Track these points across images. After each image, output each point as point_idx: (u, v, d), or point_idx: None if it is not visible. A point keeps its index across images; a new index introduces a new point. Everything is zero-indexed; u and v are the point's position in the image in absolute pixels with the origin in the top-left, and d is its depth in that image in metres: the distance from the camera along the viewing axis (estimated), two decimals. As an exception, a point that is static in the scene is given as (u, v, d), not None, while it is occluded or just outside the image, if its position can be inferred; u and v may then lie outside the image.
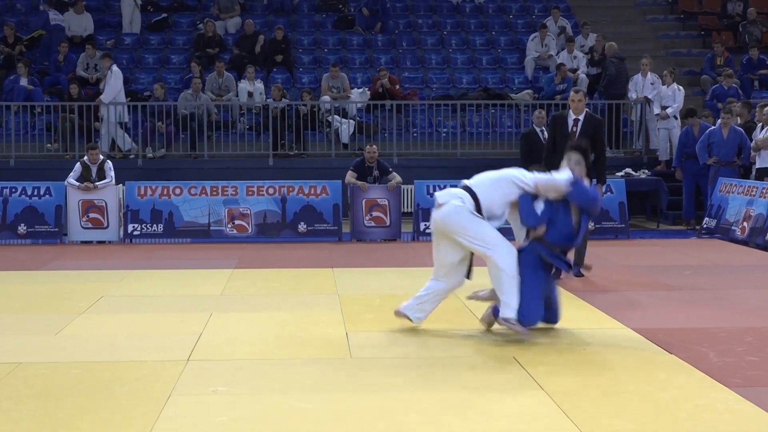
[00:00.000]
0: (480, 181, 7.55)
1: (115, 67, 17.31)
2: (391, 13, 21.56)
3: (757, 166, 14.68)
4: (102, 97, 17.17)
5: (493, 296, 7.59)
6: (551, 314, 7.56)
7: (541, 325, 7.51)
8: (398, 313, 7.75)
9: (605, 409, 5.62)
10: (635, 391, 6.01)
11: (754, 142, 14.74)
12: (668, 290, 9.64)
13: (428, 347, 7.22)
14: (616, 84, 18.09)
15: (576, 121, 10.27)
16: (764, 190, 13.43)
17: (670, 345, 7.12)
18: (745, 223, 13.57)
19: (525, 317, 7.25)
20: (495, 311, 7.48)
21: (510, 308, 7.25)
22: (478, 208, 7.39)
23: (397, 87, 18.43)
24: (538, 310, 7.34)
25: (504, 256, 7.32)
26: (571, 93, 10.51)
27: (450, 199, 7.46)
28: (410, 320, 7.69)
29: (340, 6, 21.78)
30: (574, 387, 6.09)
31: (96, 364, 6.73)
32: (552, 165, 10.27)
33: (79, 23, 20.03)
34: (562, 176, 7.49)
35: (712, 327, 7.85)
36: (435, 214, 7.54)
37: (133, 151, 17.15)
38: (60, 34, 19.66)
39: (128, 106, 17.31)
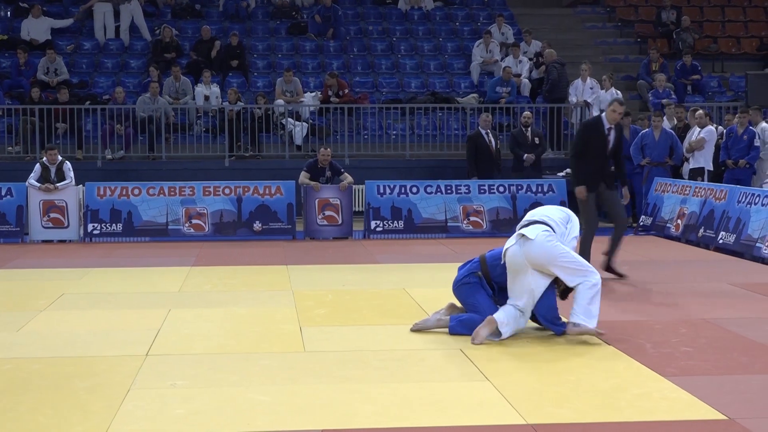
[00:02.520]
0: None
1: None
2: (343, 20, 21.58)
3: (691, 166, 15.07)
4: None
5: (439, 324, 7.55)
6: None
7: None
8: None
9: (548, 398, 5.72)
10: (577, 381, 6.10)
11: (687, 143, 15.35)
12: (606, 284, 9.51)
13: (379, 341, 7.26)
14: (557, 88, 18.48)
15: (609, 129, 10.08)
16: (697, 189, 13.78)
17: (608, 337, 7.20)
18: (679, 221, 13.94)
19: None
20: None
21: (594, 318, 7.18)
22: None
23: (347, 91, 18.52)
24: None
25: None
26: (616, 104, 10.05)
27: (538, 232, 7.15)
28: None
29: (294, 13, 21.84)
30: (519, 378, 6.20)
31: (57, 360, 6.72)
32: (573, 166, 10.43)
33: (39, 28, 20.18)
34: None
35: (648, 320, 7.99)
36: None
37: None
38: None
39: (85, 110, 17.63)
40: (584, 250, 9.74)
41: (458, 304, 7.74)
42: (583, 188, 10.13)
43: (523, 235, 7.17)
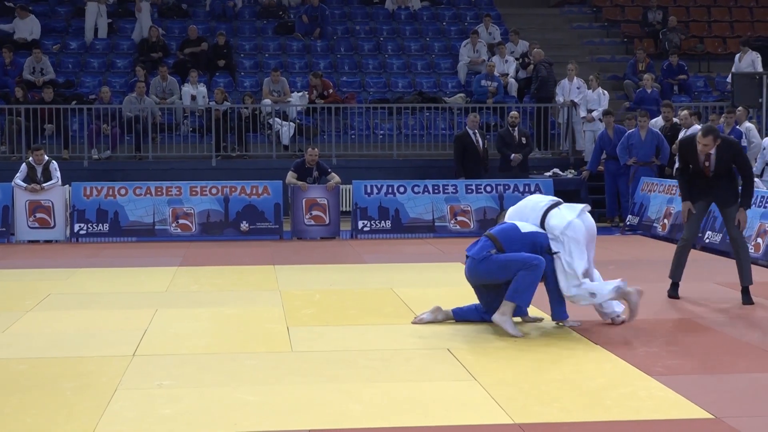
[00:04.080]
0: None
1: None
2: (330, 20, 21.61)
3: (677, 165, 15.28)
4: None
5: (435, 318, 7.75)
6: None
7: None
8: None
9: (535, 398, 5.72)
10: (564, 380, 6.12)
11: (675, 144, 15.39)
12: None
13: (366, 341, 7.27)
14: (546, 86, 18.54)
15: (708, 156, 8.85)
16: None
17: (596, 336, 7.26)
18: (665, 220, 13.97)
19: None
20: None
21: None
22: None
23: (331, 91, 18.50)
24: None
25: None
26: (699, 135, 8.75)
27: None
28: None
29: (280, 13, 21.87)
30: (506, 377, 6.20)
31: (43, 360, 6.71)
32: (681, 187, 9.41)
33: (25, 28, 20.09)
34: None
35: (635, 319, 7.91)
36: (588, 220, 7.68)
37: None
38: None
39: (71, 110, 17.60)
40: (680, 262, 9.20)
41: (444, 307, 7.77)
42: (685, 203, 9.43)
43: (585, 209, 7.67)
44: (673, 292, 9.17)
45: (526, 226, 7.60)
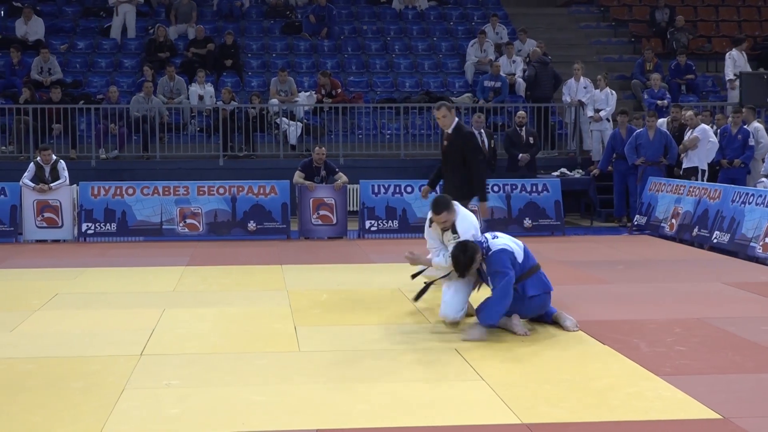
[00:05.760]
0: None
1: None
2: (337, 20, 21.65)
3: (685, 165, 15.11)
4: None
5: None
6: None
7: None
8: None
9: (542, 398, 5.74)
10: (571, 380, 6.13)
11: (681, 144, 15.41)
12: (601, 284, 9.78)
13: (373, 341, 7.29)
14: (536, 86, 18.50)
15: (448, 136, 9.24)
16: (691, 189, 13.81)
17: (603, 336, 7.28)
18: (673, 220, 13.96)
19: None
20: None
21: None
22: None
23: (340, 90, 18.51)
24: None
25: None
26: (434, 109, 9.39)
27: None
28: None
29: (288, 12, 21.93)
30: (513, 377, 6.22)
31: (50, 360, 6.73)
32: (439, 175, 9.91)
33: (31, 28, 20.14)
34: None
35: (642, 319, 8.02)
36: None
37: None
38: None
39: (78, 109, 17.64)
40: None
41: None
42: (425, 188, 10.11)
43: None
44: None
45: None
